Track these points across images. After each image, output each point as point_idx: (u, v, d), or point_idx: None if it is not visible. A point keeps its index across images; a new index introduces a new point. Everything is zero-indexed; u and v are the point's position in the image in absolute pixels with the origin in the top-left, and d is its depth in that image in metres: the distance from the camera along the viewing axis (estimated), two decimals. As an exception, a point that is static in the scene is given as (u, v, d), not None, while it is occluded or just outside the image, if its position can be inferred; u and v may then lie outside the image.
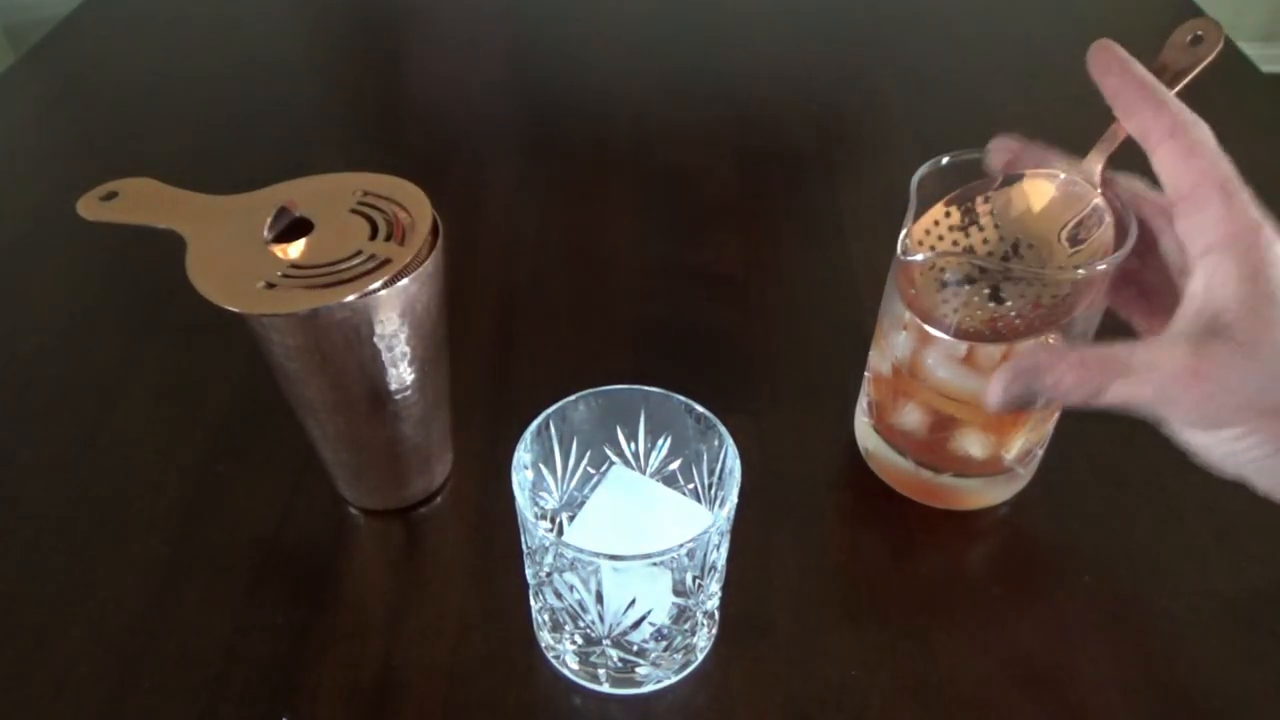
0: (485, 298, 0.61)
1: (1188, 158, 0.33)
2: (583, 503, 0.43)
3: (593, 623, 0.37)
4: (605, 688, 0.40)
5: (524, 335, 0.58)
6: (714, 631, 0.41)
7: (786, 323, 0.59)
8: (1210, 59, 0.36)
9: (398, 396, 0.42)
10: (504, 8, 0.99)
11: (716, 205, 0.70)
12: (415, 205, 0.41)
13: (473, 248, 0.65)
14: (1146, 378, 0.32)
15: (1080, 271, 0.37)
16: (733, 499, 0.37)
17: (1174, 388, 0.31)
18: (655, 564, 0.35)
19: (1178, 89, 0.35)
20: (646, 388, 0.40)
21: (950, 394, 0.43)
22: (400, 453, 0.45)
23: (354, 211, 0.40)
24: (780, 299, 0.61)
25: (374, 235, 0.39)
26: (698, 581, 0.37)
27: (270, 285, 0.37)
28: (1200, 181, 0.33)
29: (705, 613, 0.39)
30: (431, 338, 0.42)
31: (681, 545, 0.34)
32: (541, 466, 0.41)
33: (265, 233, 0.39)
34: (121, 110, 0.83)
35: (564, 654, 0.40)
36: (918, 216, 0.40)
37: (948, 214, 0.41)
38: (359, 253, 0.38)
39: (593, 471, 0.43)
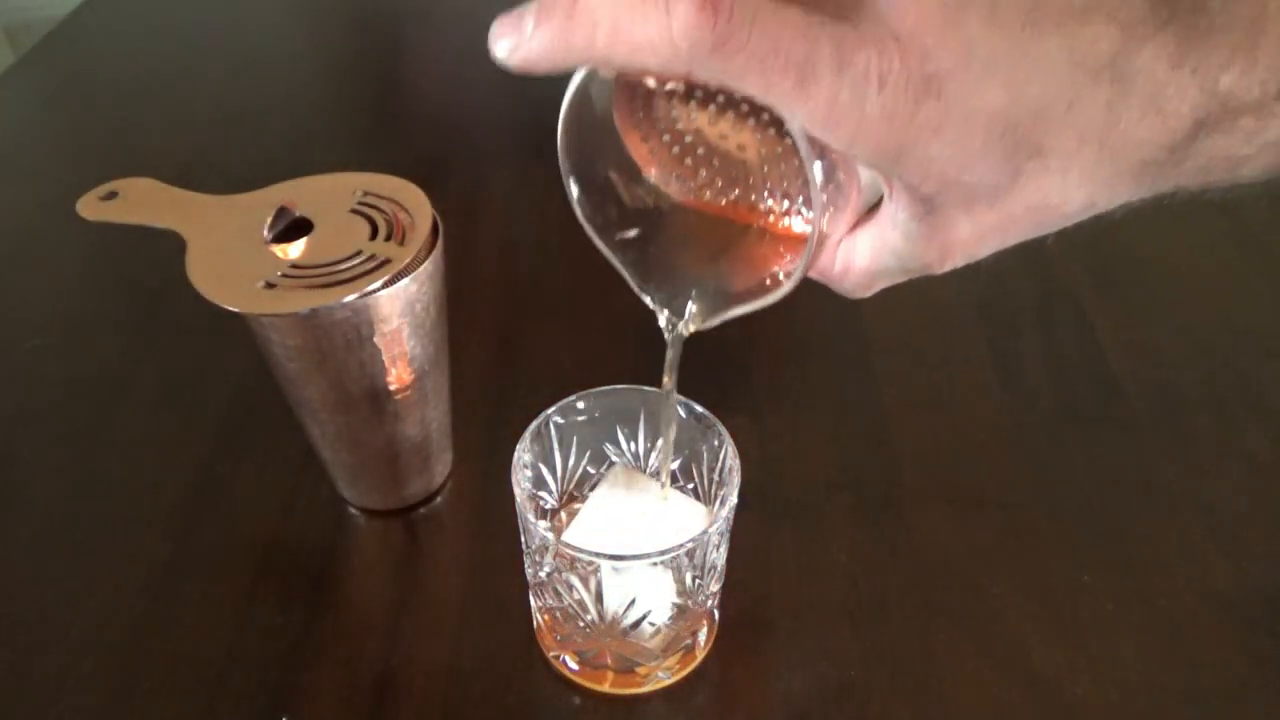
0: (485, 298, 0.61)
1: None
2: (583, 503, 0.43)
3: (593, 622, 0.37)
4: (605, 688, 0.40)
5: (524, 335, 0.58)
6: (714, 631, 0.41)
7: (787, 323, 0.59)
8: None
9: (398, 396, 0.42)
10: (504, 8, 0.99)
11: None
12: (415, 205, 0.41)
13: (473, 248, 0.65)
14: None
15: None
16: (733, 499, 0.37)
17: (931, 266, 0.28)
18: (655, 564, 0.35)
19: None
20: (646, 388, 0.40)
21: None
22: (400, 453, 0.45)
23: (354, 211, 0.40)
24: (780, 299, 0.61)
25: (374, 235, 0.39)
26: (698, 581, 0.37)
27: (270, 285, 0.37)
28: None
29: (705, 613, 0.39)
30: (431, 338, 0.42)
31: (681, 545, 0.34)
32: (541, 466, 0.41)
33: (265, 233, 0.39)
34: (121, 110, 0.83)
35: (564, 654, 0.40)
36: None
37: None
38: (359, 253, 0.38)
39: (593, 471, 0.43)
